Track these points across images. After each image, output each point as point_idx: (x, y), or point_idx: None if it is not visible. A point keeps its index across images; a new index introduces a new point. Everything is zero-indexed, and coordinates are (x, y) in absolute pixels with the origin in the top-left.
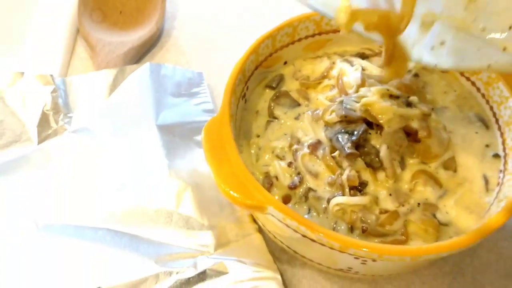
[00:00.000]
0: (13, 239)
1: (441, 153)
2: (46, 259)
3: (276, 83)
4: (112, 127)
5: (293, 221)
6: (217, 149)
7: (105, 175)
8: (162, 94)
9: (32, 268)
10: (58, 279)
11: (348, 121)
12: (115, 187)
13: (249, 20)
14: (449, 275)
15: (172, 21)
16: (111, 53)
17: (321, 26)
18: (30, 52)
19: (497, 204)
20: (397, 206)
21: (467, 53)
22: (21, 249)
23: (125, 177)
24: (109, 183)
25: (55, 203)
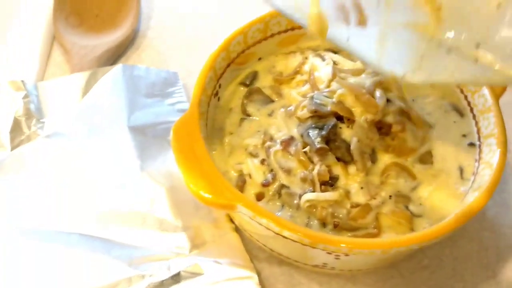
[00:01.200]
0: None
1: (417, 147)
2: (17, 264)
3: (250, 80)
4: (85, 131)
5: (263, 218)
6: (186, 149)
7: (78, 178)
8: (135, 95)
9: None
10: (30, 284)
11: (319, 116)
12: (88, 190)
13: (226, 19)
14: (428, 268)
15: (147, 22)
16: (86, 56)
17: (293, 21)
18: (5, 58)
19: (471, 194)
20: (368, 199)
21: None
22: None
23: (97, 180)
24: (82, 186)
25: (28, 208)
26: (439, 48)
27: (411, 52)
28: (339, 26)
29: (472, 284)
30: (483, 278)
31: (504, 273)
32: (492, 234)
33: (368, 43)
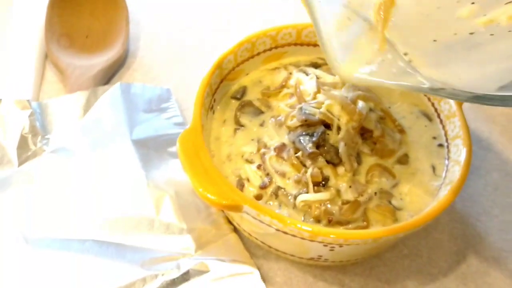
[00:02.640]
0: (3, 254)
1: (395, 149)
2: (35, 273)
3: (240, 94)
4: (89, 145)
5: (266, 216)
6: (192, 157)
7: (86, 189)
8: (134, 111)
9: (23, 282)
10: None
11: (308, 125)
12: (97, 199)
13: (209, 38)
14: (408, 257)
15: (136, 42)
16: (82, 76)
17: (277, 41)
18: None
19: (444, 187)
20: (356, 196)
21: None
22: (10, 264)
23: (106, 189)
24: (91, 196)
25: (41, 219)
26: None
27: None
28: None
29: (445, 268)
30: (454, 263)
31: (473, 258)
32: (460, 225)
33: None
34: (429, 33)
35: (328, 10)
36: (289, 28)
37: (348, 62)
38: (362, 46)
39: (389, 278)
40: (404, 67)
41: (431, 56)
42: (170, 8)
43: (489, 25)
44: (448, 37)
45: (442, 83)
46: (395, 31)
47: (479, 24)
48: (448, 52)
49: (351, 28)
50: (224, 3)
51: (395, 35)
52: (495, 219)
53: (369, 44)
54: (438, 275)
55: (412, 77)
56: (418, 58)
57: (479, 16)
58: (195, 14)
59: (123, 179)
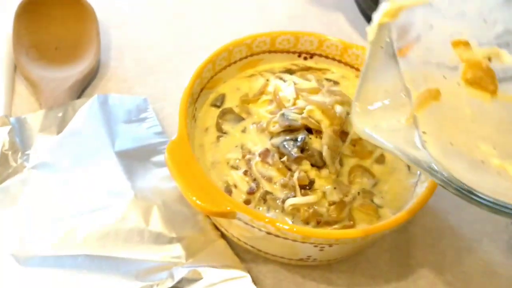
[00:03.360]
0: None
1: (373, 150)
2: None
3: (220, 102)
4: (70, 159)
5: (260, 221)
6: (181, 167)
7: (73, 203)
8: (114, 122)
9: None
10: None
11: (290, 130)
12: (85, 213)
13: (183, 45)
14: (388, 251)
15: (107, 52)
16: (57, 89)
17: (252, 49)
18: None
19: (420, 185)
20: (341, 197)
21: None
22: (4, 286)
23: (93, 203)
24: (78, 210)
25: (29, 237)
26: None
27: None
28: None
29: (423, 260)
30: (430, 254)
31: (447, 249)
32: (433, 219)
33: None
34: (452, 134)
35: (380, 69)
36: (263, 36)
37: (367, 115)
38: (388, 110)
39: (373, 273)
40: (416, 142)
41: (444, 147)
42: (140, 17)
43: (501, 169)
44: (465, 149)
45: (444, 169)
46: (426, 114)
47: (494, 164)
48: (459, 157)
49: (389, 90)
50: (194, 12)
51: (423, 115)
52: (464, 211)
53: (395, 112)
54: (416, 267)
55: (418, 152)
56: (433, 143)
57: (494, 156)
58: (166, 23)
59: (109, 192)
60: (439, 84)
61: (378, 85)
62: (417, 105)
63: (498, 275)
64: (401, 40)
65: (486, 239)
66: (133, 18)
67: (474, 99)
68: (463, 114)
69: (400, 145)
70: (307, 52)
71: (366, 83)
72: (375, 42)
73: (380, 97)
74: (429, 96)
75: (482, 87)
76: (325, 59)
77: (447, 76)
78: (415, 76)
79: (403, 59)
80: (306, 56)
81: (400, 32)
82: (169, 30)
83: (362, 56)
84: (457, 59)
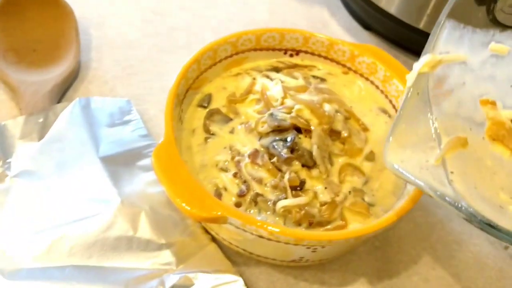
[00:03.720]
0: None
1: (363, 147)
2: None
3: (206, 102)
4: (53, 166)
5: (252, 225)
6: (169, 172)
7: (57, 212)
8: (97, 126)
9: None
10: None
11: (279, 130)
12: (70, 222)
13: (164, 43)
14: (380, 249)
15: (88, 53)
16: (37, 93)
17: (237, 47)
18: None
19: None
20: (333, 196)
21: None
22: None
23: (78, 211)
24: (63, 219)
25: (13, 249)
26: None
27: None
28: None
29: (414, 255)
30: (421, 249)
31: (437, 243)
32: (423, 213)
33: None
34: (476, 179)
35: (415, 112)
36: (248, 34)
37: (397, 152)
38: (417, 150)
39: (365, 271)
40: (443, 180)
41: (469, 189)
42: (121, 15)
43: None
44: (487, 194)
45: (469, 205)
46: (453, 158)
47: (511, 211)
48: (481, 200)
49: (421, 133)
50: (175, 9)
51: (450, 159)
52: None
53: (424, 153)
54: (408, 262)
55: (444, 188)
56: (459, 183)
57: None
58: (147, 21)
59: (95, 200)
60: (466, 135)
61: (411, 127)
62: (447, 149)
63: (488, 267)
64: (436, 90)
65: (475, 232)
66: (113, 16)
67: (495, 153)
68: (485, 164)
69: (427, 181)
70: (292, 49)
71: (400, 123)
72: (413, 88)
73: (411, 137)
74: (458, 143)
75: (504, 144)
76: (311, 56)
77: (473, 129)
78: (446, 124)
79: (436, 107)
80: (292, 53)
81: (437, 83)
82: (151, 27)
83: (348, 52)
84: (483, 115)
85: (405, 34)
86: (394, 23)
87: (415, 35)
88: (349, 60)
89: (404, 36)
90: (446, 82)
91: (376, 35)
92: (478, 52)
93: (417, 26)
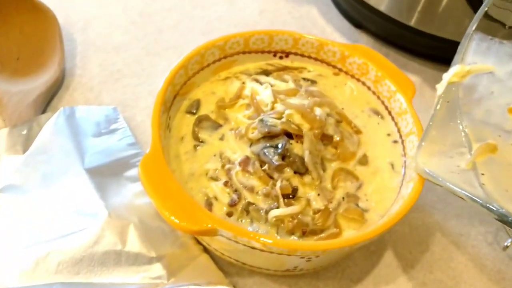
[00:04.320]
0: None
1: (355, 151)
2: None
3: (195, 108)
4: (38, 180)
5: (244, 237)
6: (157, 183)
7: (43, 228)
8: (82, 137)
9: None
10: None
11: (270, 136)
12: (56, 238)
13: (151, 46)
14: (376, 253)
15: (72, 60)
16: (21, 103)
17: (225, 50)
18: None
19: (406, 185)
20: (326, 203)
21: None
22: None
23: (65, 226)
24: (50, 235)
25: (1, 266)
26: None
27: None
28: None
29: (411, 259)
30: (418, 253)
31: (435, 245)
32: (419, 215)
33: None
34: (506, 183)
35: (445, 120)
36: (236, 37)
37: (428, 157)
38: (448, 155)
39: (360, 277)
40: (473, 183)
41: (499, 191)
42: (105, 18)
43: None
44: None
45: (501, 206)
46: (483, 163)
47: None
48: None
49: (451, 139)
50: (162, 10)
51: (481, 163)
52: (450, 206)
53: (454, 159)
54: (405, 267)
55: (475, 190)
56: (489, 186)
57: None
58: (132, 23)
59: (82, 213)
60: (496, 141)
61: (441, 134)
62: (477, 154)
63: (487, 268)
64: (465, 99)
65: (473, 232)
66: (98, 20)
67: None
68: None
69: (458, 184)
70: (282, 51)
71: (431, 130)
72: (443, 97)
73: (441, 144)
74: (488, 148)
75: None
76: (301, 58)
77: (502, 136)
78: (475, 131)
79: (466, 115)
80: (282, 55)
81: (466, 92)
82: (136, 30)
83: (339, 53)
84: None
85: (396, 31)
86: (385, 21)
87: (406, 32)
88: (339, 61)
89: (395, 34)
90: (475, 92)
91: (367, 33)
92: (505, 63)
93: (408, 24)
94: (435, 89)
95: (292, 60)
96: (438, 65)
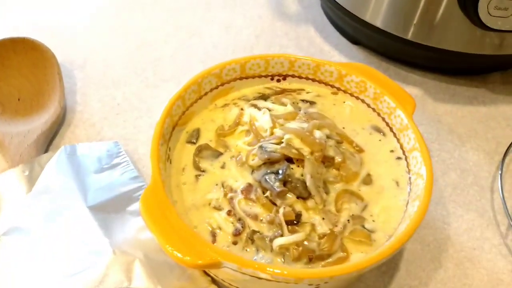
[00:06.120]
0: None
1: (358, 171)
2: None
3: (195, 138)
4: (42, 221)
5: (249, 268)
6: (158, 218)
7: (48, 269)
8: (84, 174)
9: None
10: None
11: (271, 162)
12: (61, 279)
13: (150, 78)
14: (387, 273)
15: (73, 96)
16: (22, 144)
17: (222, 78)
18: None
19: (412, 203)
20: (331, 227)
21: None
22: None
23: (69, 266)
24: (55, 276)
25: None
26: None
27: None
28: None
29: (424, 278)
30: (431, 270)
31: (448, 262)
32: (430, 231)
33: None
34: None
35: None
36: (232, 64)
37: None
38: None
39: None
40: None
41: None
42: (103, 53)
43: None
44: None
45: None
46: None
47: None
48: None
49: None
50: (159, 42)
51: None
52: (460, 219)
53: None
54: (419, 286)
55: None
56: None
57: None
58: (130, 56)
59: (86, 252)
60: None
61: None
62: None
63: (504, 282)
64: None
65: (487, 246)
66: (96, 56)
67: None
68: None
69: None
70: (279, 74)
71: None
72: None
73: None
74: None
75: None
76: (298, 79)
77: None
78: None
79: None
80: (279, 78)
81: None
82: (134, 63)
83: (336, 72)
84: None
85: (394, 45)
86: (382, 36)
87: (404, 46)
88: (337, 80)
89: (393, 48)
90: None
91: (365, 49)
92: None
93: (405, 37)
94: (437, 100)
95: (290, 82)
96: (439, 76)
